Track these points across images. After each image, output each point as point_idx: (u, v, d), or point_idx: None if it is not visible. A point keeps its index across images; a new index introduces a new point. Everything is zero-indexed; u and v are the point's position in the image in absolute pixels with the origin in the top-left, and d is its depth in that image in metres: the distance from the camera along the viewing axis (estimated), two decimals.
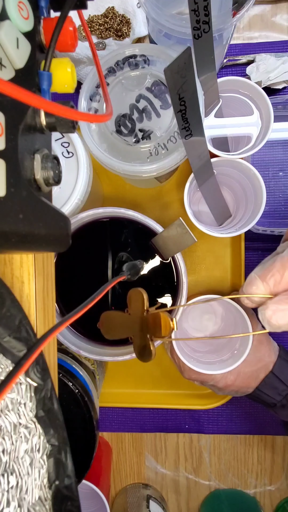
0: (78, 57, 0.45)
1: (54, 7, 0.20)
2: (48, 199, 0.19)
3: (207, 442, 0.53)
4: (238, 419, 0.52)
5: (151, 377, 0.52)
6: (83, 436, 0.36)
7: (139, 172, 0.32)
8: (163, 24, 0.33)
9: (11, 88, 0.11)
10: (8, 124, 0.16)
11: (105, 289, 0.24)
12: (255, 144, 0.38)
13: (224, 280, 0.50)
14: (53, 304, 0.24)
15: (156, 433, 0.54)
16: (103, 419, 0.53)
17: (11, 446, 0.18)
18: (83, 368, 0.40)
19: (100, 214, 0.36)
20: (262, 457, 0.53)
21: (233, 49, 0.48)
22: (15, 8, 0.17)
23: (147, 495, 0.51)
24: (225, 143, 0.42)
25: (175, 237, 0.33)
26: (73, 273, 0.38)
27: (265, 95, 0.37)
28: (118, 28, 0.44)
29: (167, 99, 0.32)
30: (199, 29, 0.27)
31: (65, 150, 0.36)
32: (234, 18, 0.32)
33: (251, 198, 0.41)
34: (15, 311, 0.18)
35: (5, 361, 0.18)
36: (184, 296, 0.35)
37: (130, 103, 0.33)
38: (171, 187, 0.49)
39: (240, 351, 0.40)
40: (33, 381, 0.19)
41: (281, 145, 0.46)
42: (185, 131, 0.27)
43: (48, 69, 0.18)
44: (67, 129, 0.18)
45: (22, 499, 0.18)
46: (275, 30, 0.48)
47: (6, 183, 0.16)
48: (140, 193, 0.50)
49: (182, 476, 0.54)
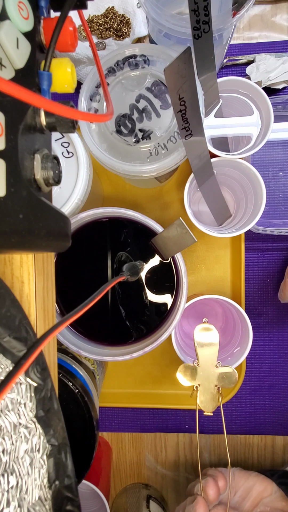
0: (78, 57, 0.45)
1: (54, 7, 0.20)
2: (48, 199, 0.19)
3: (207, 442, 0.53)
4: (238, 419, 0.52)
5: (151, 377, 0.52)
6: (83, 436, 0.36)
7: (139, 172, 0.32)
8: (163, 24, 0.33)
9: (12, 88, 0.11)
10: (8, 124, 0.16)
11: (105, 289, 0.24)
12: (255, 144, 0.38)
13: (224, 280, 0.50)
14: (53, 304, 0.24)
15: (156, 433, 0.54)
16: (103, 419, 0.53)
17: (11, 446, 0.18)
18: (83, 368, 0.40)
19: (100, 214, 0.36)
20: (262, 457, 0.53)
21: (233, 49, 0.48)
22: (15, 8, 0.17)
23: (147, 495, 0.51)
24: (225, 143, 0.42)
25: (175, 237, 0.33)
26: (73, 273, 0.38)
27: (265, 95, 0.37)
28: (118, 28, 0.44)
29: (167, 99, 0.32)
30: (199, 29, 0.27)
31: (65, 150, 0.36)
32: (234, 18, 0.32)
33: (251, 198, 0.41)
34: (15, 311, 0.18)
35: (5, 361, 0.18)
36: (184, 296, 0.35)
37: (130, 103, 0.33)
38: (171, 187, 0.49)
39: (240, 351, 0.40)
40: (33, 381, 0.19)
41: (281, 145, 0.46)
42: (185, 131, 0.27)
43: (48, 69, 0.18)
44: (67, 129, 0.18)
45: (22, 499, 0.18)
46: (275, 30, 0.48)
47: (6, 183, 0.16)
48: (140, 193, 0.50)
49: (182, 476, 0.54)
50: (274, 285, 0.50)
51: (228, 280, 0.49)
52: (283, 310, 0.50)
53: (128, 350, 0.36)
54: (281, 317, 0.50)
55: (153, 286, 0.37)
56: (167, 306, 0.37)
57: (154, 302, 0.37)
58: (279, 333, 0.50)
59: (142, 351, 0.34)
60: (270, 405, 0.51)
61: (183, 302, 0.35)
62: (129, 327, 0.37)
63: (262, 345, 0.51)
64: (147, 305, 0.37)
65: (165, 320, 0.37)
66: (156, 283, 0.37)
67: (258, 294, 0.50)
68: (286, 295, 0.43)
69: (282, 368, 0.51)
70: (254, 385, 0.51)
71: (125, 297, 0.37)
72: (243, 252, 0.47)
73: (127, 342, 0.37)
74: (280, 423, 0.51)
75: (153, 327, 0.37)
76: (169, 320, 0.36)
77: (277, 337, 0.50)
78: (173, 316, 0.36)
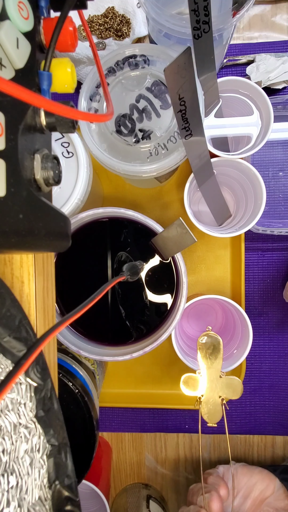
0: (78, 57, 0.45)
1: (54, 7, 0.20)
2: (48, 199, 0.19)
3: (207, 442, 0.53)
4: (238, 419, 0.52)
5: (151, 377, 0.52)
6: (83, 436, 0.36)
7: (139, 172, 0.32)
8: (163, 24, 0.33)
9: (12, 88, 0.11)
10: (8, 124, 0.16)
11: (105, 289, 0.24)
12: (255, 144, 0.38)
13: (224, 280, 0.50)
14: (53, 304, 0.24)
15: (156, 433, 0.54)
16: (103, 419, 0.53)
17: (11, 446, 0.18)
18: (83, 368, 0.40)
19: (100, 214, 0.36)
20: (262, 457, 0.53)
21: (233, 49, 0.48)
22: (15, 8, 0.17)
23: (147, 495, 0.51)
24: (225, 143, 0.42)
25: (175, 237, 0.33)
26: (73, 273, 0.38)
27: (265, 95, 0.37)
28: (118, 28, 0.44)
29: (167, 99, 0.32)
30: (199, 29, 0.27)
31: (65, 150, 0.36)
32: (234, 18, 0.32)
33: (251, 198, 0.41)
34: (15, 311, 0.18)
35: (5, 361, 0.18)
36: (184, 296, 0.35)
37: (130, 103, 0.33)
38: (171, 187, 0.49)
39: (240, 351, 0.40)
40: (33, 381, 0.19)
41: (281, 145, 0.46)
42: (185, 131, 0.27)
43: (48, 69, 0.18)
44: (67, 129, 0.18)
45: (22, 499, 0.18)
46: (275, 30, 0.48)
47: (6, 183, 0.16)
48: (140, 193, 0.50)
49: (182, 476, 0.54)
50: (274, 285, 0.50)
51: (228, 280, 0.49)
52: (283, 310, 0.50)
53: (128, 350, 0.36)
54: (281, 317, 0.50)
55: (153, 286, 0.37)
56: (167, 306, 0.37)
57: (154, 302, 0.37)
58: (279, 333, 0.50)
59: (142, 351, 0.34)
60: (270, 405, 0.51)
61: (183, 302, 0.35)
62: (129, 327, 0.37)
63: (262, 345, 0.51)
64: (147, 305, 0.37)
65: (165, 320, 0.37)
66: (156, 283, 0.37)
67: (258, 294, 0.50)
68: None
69: (282, 368, 0.51)
70: (254, 385, 0.51)
71: (125, 297, 0.37)
72: (243, 252, 0.47)
73: (127, 342, 0.37)
74: (280, 423, 0.51)
75: (153, 327, 0.37)
76: (169, 320, 0.36)
77: (277, 337, 0.50)
78: (173, 316, 0.36)
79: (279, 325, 0.50)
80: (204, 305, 0.47)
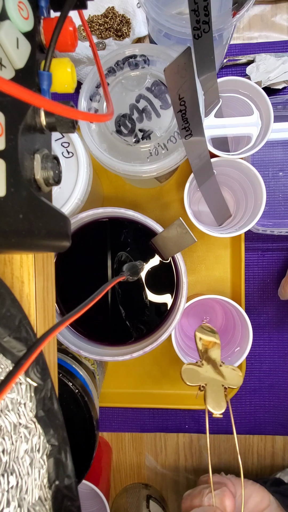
0: (78, 57, 0.45)
1: (54, 7, 0.20)
2: (48, 199, 0.19)
3: (207, 442, 0.53)
4: (238, 419, 0.52)
5: (151, 377, 0.52)
6: (83, 436, 0.36)
7: (139, 172, 0.32)
8: (163, 24, 0.33)
9: (12, 87, 0.11)
10: (8, 124, 0.16)
11: (105, 289, 0.24)
12: (255, 144, 0.38)
13: (224, 280, 0.50)
14: (53, 304, 0.24)
15: (156, 433, 0.54)
16: (103, 419, 0.53)
17: (11, 446, 0.18)
18: (83, 368, 0.40)
19: (100, 214, 0.36)
20: (262, 457, 0.53)
21: (233, 49, 0.48)
22: (15, 8, 0.17)
23: (147, 495, 0.51)
24: (225, 143, 0.42)
25: (175, 237, 0.33)
26: (73, 273, 0.38)
27: (265, 95, 0.37)
28: (118, 28, 0.44)
29: (167, 99, 0.32)
30: (199, 29, 0.27)
31: (65, 150, 0.36)
32: (234, 18, 0.32)
33: (251, 198, 0.41)
34: (15, 311, 0.18)
35: (5, 361, 0.18)
36: (184, 296, 0.35)
37: (130, 103, 0.33)
38: (171, 187, 0.49)
39: (240, 351, 0.40)
40: (33, 381, 0.19)
41: (281, 145, 0.46)
42: (185, 131, 0.27)
43: (48, 69, 0.18)
44: (67, 129, 0.18)
45: (22, 499, 0.18)
46: (275, 30, 0.48)
47: (6, 183, 0.16)
48: (140, 193, 0.50)
49: (182, 476, 0.54)
50: (274, 285, 0.50)
51: (228, 280, 0.50)
52: (283, 310, 0.50)
53: (128, 350, 0.36)
54: (281, 317, 0.50)
55: (153, 286, 0.37)
56: (167, 306, 0.37)
57: (154, 302, 0.37)
58: (279, 333, 0.50)
59: (142, 351, 0.34)
60: (270, 405, 0.51)
61: (183, 302, 0.35)
62: (129, 327, 0.37)
63: (262, 345, 0.51)
64: (147, 305, 0.37)
65: (165, 320, 0.37)
66: (156, 283, 0.37)
67: (258, 294, 0.50)
68: (286, 291, 0.43)
69: (282, 368, 0.51)
70: (254, 385, 0.51)
71: (125, 297, 0.37)
72: (243, 252, 0.47)
73: (127, 342, 0.37)
74: (280, 423, 0.51)
75: (153, 327, 0.37)
76: (169, 320, 0.36)
77: (277, 337, 0.50)
78: (173, 316, 0.36)
79: (279, 325, 0.50)
80: (204, 305, 0.47)
